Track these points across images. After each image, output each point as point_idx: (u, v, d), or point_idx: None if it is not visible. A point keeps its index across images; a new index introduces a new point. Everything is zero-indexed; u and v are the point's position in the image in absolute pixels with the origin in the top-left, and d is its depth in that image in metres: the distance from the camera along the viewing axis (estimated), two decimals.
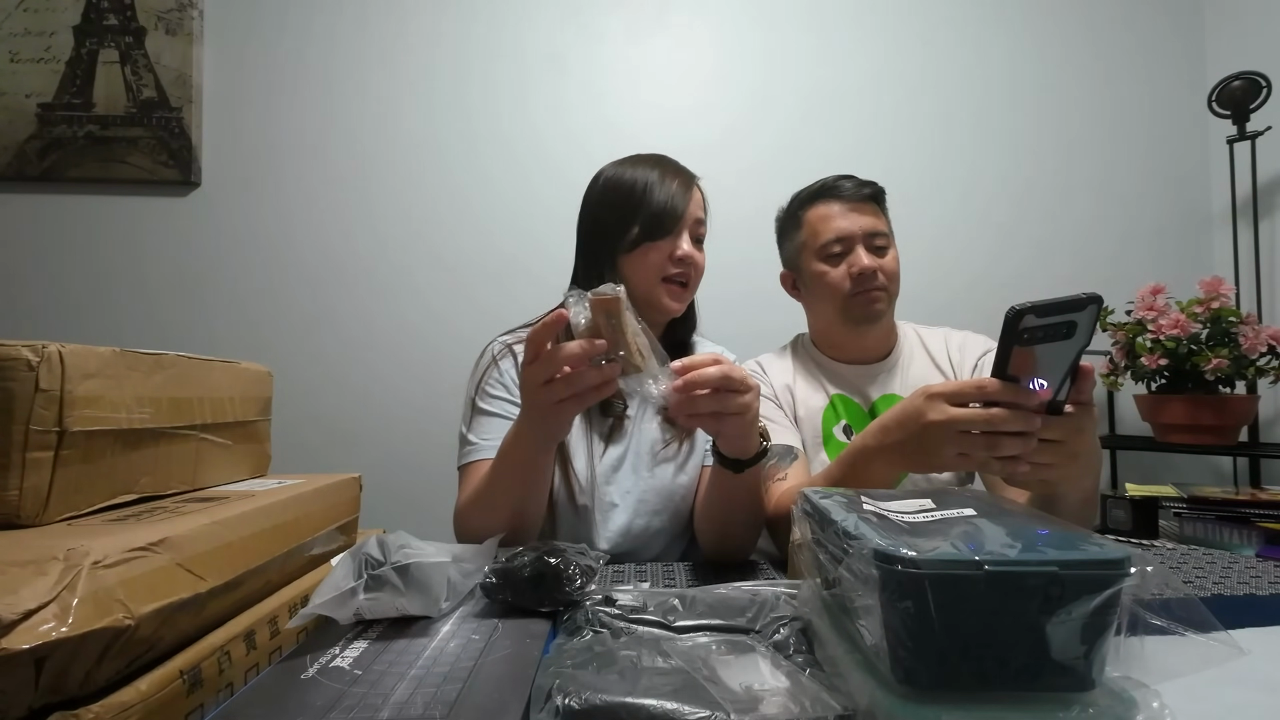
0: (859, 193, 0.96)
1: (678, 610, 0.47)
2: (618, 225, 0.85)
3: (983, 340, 1.01)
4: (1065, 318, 0.48)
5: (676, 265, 0.85)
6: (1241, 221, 1.61)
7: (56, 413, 0.40)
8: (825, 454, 0.98)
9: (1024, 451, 0.53)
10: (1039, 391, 0.51)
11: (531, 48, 1.69)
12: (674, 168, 0.89)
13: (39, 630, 0.27)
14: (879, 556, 0.30)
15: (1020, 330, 0.48)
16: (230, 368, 0.59)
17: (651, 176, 0.86)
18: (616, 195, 0.87)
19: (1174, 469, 1.68)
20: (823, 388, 1.02)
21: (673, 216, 0.84)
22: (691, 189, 0.87)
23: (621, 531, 0.84)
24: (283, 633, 0.45)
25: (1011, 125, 1.76)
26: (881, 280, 0.94)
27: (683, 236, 0.85)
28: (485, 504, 0.73)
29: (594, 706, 0.33)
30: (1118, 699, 0.30)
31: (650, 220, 0.84)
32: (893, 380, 1.00)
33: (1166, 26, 1.79)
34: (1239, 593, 0.62)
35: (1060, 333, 0.48)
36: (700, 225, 0.88)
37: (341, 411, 1.62)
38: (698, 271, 0.88)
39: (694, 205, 0.87)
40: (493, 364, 0.87)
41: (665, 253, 0.84)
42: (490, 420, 0.83)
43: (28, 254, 1.61)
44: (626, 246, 0.85)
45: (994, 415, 0.53)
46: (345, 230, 1.65)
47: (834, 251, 0.95)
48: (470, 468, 0.81)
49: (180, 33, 1.62)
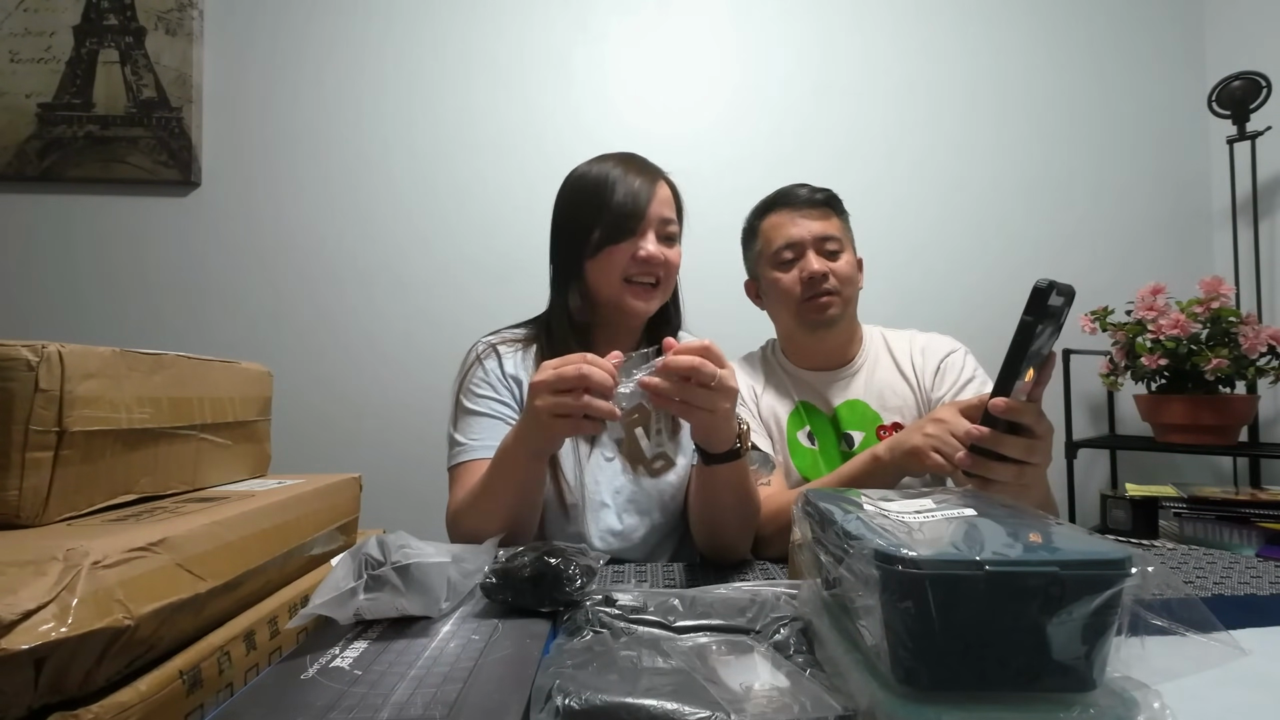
0: (811, 199, 0.97)
1: (678, 610, 0.47)
2: (581, 228, 0.84)
3: (947, 342, 1.01)
4: (1062, 301, 0.49)
5: (639, 266, 0.83)
6: (1241, 221, 1.61)
7: (56, 413, 0.40)
8: (791, 460, 0.99)
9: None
10: (1026, 384, 0.52)
11: (532, 48, 1.69)
12: (639, 165, 0.87)
13: (39, 630, 0.27)
14: (879, 556, 0.30)
15: (1048, 304, 0.48)
16: (230, 368, 0.59)
17: (614, 175, 0.84)
18: (580, 195, 0.85)
19: (1174, 469, 1.68)
20: (789, 394, 1.03)
21: (634, 217, 0.82)
22: (655, 186, 0.84)
23: (612, 530, 0.84)
24: (283, 633, 0.45)
25: (1011, 125, 1.76)
26: (833, 284, 0.94)
27: (646, 236, 0.83)
28: (479, 508, 0.73)
29: (594, 706, 0.33)
30: (1118, 699, 0.30)
31: (611, 222, 0.82)
32: (855, 385, 1.01)
33: (1166, 26, 1.79)
34: (1239, 593, 0.62)
35: (1055, 316, 0.50)
36: (669, 224, 0.85)
37: (341, 411, 1.62)
38: (668, 271, 0.86)
39: (658, 204, 0.84)
40: (477, 363, 0.87)
41: (627, 253, 0.82)
42: (477, 419, 0.83)
43: (28, 254, 1.61)
44: (591, 250, 0.83)
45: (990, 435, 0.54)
46: (345, 230, 1.65)
47: (786, 258, 0.97)
48: (460, 469, 0.81)
49: (180, 33, 1.62)
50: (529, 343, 0.90)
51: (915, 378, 0.99)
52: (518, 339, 0.91)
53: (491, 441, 0.78)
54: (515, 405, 0.86)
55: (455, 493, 0.80)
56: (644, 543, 0.87)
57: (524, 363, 0.88)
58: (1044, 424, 0.55)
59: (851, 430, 0.99)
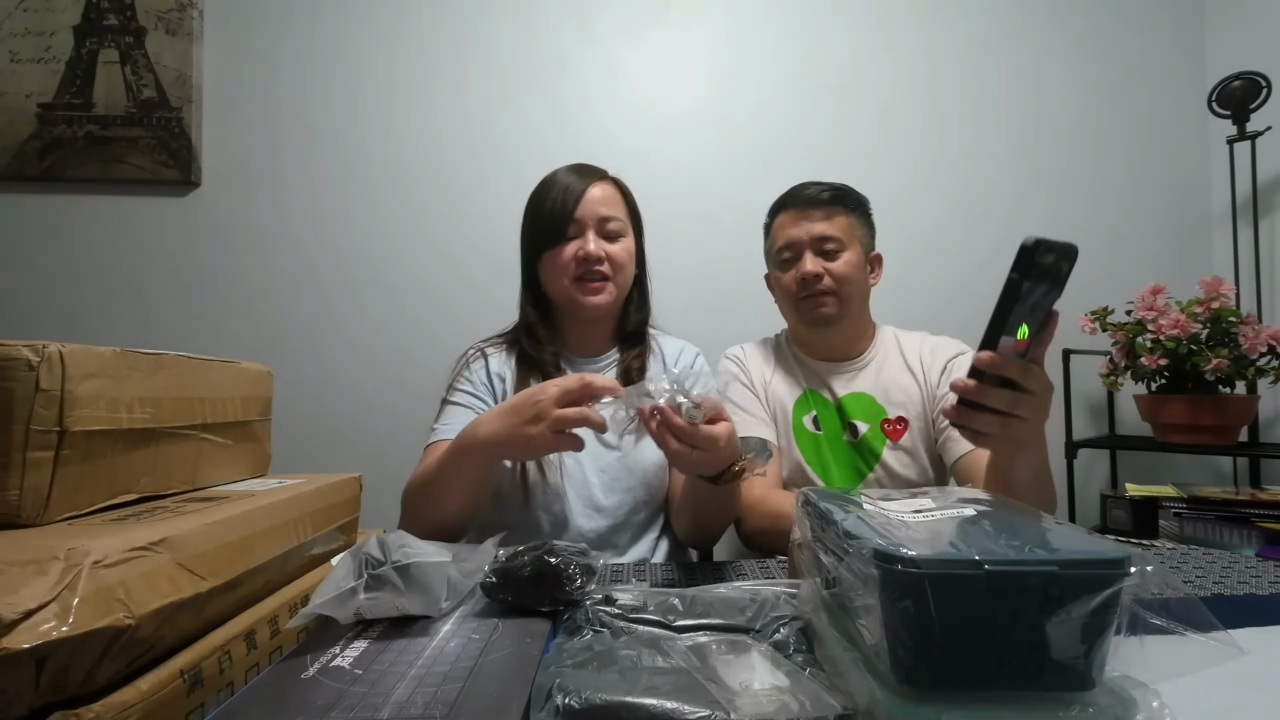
0: (816, 198, 0.99)
1: (678, 610, 0.47)
2: (526, 239, 0.93)
3: (955, 344, 1.04)
4: (1058, 259, 0.50)
5: (582, 265, 0.88)
6: (1241, 221, 1.61)
7: (57, 413, 0.40)
8: (795, 445, 1.01)
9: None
10: (1017, 343, 0.53)
11: (532, 48, 1.69)
12: (578, 170, 0.92)
13: (40, 630, 0.27)
14: (879, 556, 0.30)
15: (1035, 262, 0.49)
16: (230, 368, 0.59)
17: (553, 183, 0.90)
18: (530, 206, 0.93)
19: (1174, 469, 1.68)
20: (797, 380, 1.06)
21: (562, 220, 0.88)
22: (586, 190, 0.89)
23: (597, 507, 0.88)
24: (283, 632, 0.45)
25: (1011, 125, 1.75)
26: (827, 284, 0.97)
27: (585, 236, 0.88)
28: (432, 491, 0.75)
29: (594, 706, 0.33)
30: (1118, 699, 0.30)
31: (545, 228, 0.89)
32: (862, 379, 1.03)
33: (1166, 26, 1.79)
34: (1239, 593, 0.62)
35: (1051, 274, 0.50)
36: (608, 221, 0.90)
37: (341, 411, 1.62)
38: (615, 265, 0.90)
39: (592, 203, 0.89)
40: (465, 365, 0.94)
41: (569, 254, 0.88)
42: (454, 409, 0.89)
43: (28, 254, 1.61)
44: (534, 256, 0.91)
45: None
46: (345, 230, 1.65)
47: (785, 258, 1.01)
48: (429, 448, 0.86)
49: (180, 33, 1.62)
50: (512, 345, 0.97)
51: (922, 375, 1.01)
52: (503, 342, 0.98)
53: (460, 426, 0.82)
54: (496, 401, 0.90)
55: (417, 469, 0.83)
56: (628, 521, 0.90)
57: (508, 362, 0.94)
58: (1036, 380, 0.54)
59: (857, 420, 1.01)
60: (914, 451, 0.99)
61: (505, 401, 0.71)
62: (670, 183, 1.64)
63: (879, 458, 0.99)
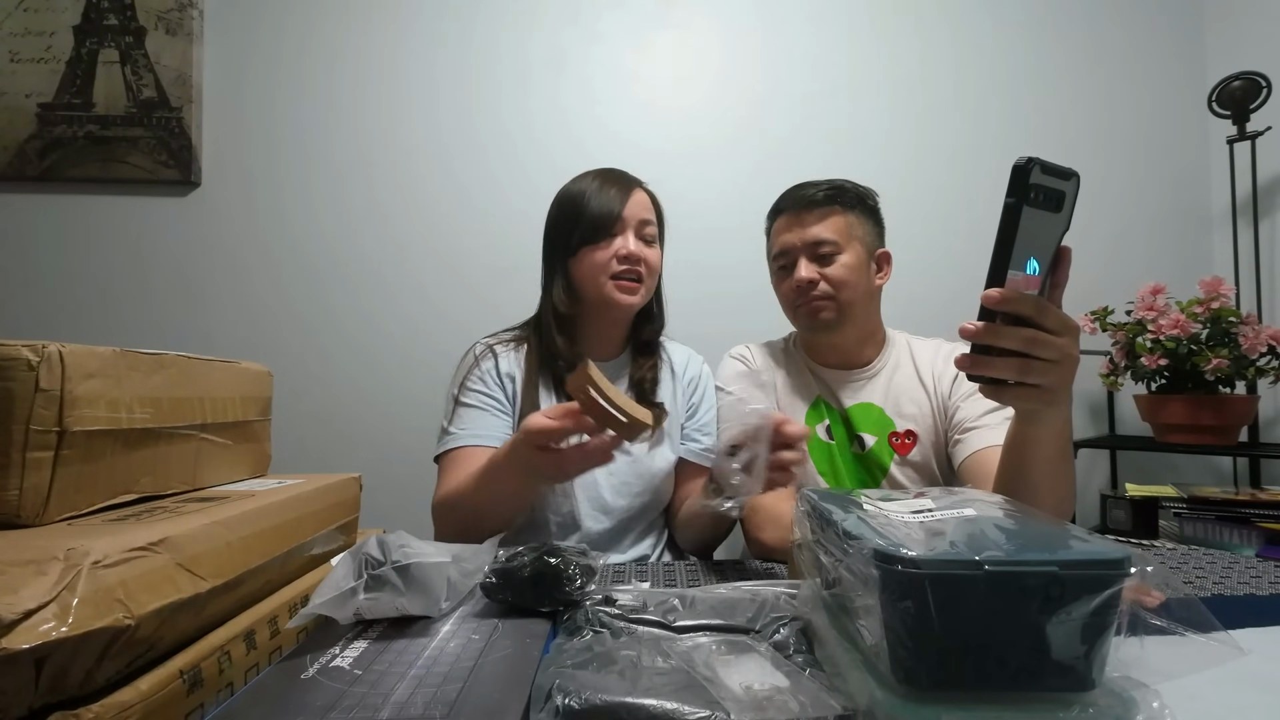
0: (811, 200, 0.95)
1: (678, 610, 0.47)
2: (564, 235, 0.92)
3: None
4: (1058, 185, 0.46)
5: (622, 263, 0.89)
6: (1241, 221, 1.61)
7: (56, 413, 0.40)
8: (809, 453, 0.98)
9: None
10: (1030, 277, 0.48)
11: (532, 48, 1.69)
12: (614, 176, 0.94)
13: (39, 630, 0.27)
14: (879, 556, 0.30)
15: (1032, 184, 0.45)
16: (230, 368, 0.59)
17: (591, 187, 0.91)
18: (563, 208, 0.93)
19: (1174, 469, 1.68)
20: (809, 387, 1.02)
21: (609, 218, 0.89)
22: (630, 193, 0.91)
23: (605, 509, 0.89)
24: (283, 633, 0.45)
25: (1011, 125, 1.75)
26: (823, 290, 0.93)
27: (626, 236, 0.89)
28: (463, 514, 0.77)
29: (594, 706, 0.33)
30: (1118, 699, 0.30)
31: (588, 225, 0.89)
32: (871, 389, 0.99)
33: (1166, 26, 1.79)
34: (1239, 593, 0.62)
35: (1053, 202, 0.46)
36: (647, 226, 0.92)
37: (341, 411, 1.62)
38: (649, 269, 0.91)
39: (635, 207, 0.90)
40: (475, 363, 0.93)
41: (610, 252, 0.89)
42: (469, 411, 0.89)
43: (28, 254, 1.61)
44: (571, 251, 0.91)
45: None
46: (345, 230, 1.65)
47: (781, 264, 0.98)
48: (448, 456, 0.86)
49: (180, 33, 1.62)
50: (520, 342, 0.96)
51: (933, 384, 0.97)
52: (511, 339, 0.97)
53: (479, 430, 0.85)
54: (508, 401, 0.90)
55: (443, 481, 0.84)
56: (633, 523, 0.92)
57: (517, 360, 0.93)
58: (1053, 317, 0.48)
59: (864, 433, 0.97)
60: (923, 467, 0.95)
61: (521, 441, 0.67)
62: (670, 183, 1.63)
63: (887, 472, 0.95)
